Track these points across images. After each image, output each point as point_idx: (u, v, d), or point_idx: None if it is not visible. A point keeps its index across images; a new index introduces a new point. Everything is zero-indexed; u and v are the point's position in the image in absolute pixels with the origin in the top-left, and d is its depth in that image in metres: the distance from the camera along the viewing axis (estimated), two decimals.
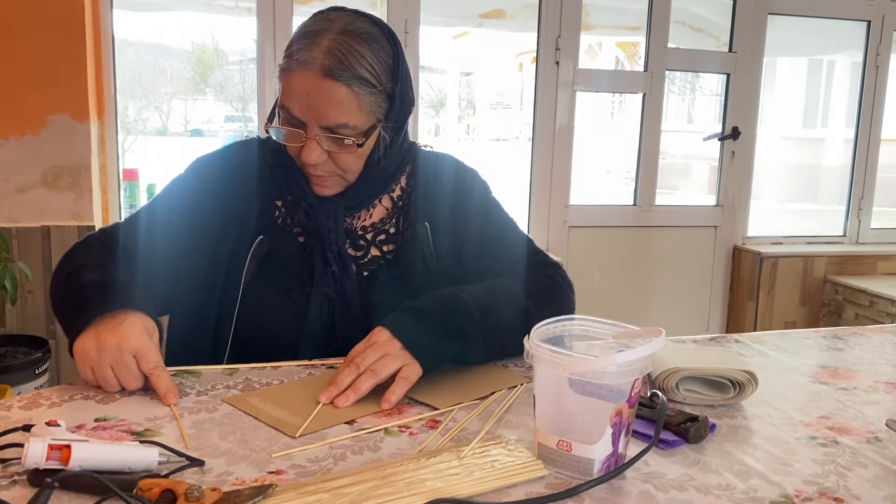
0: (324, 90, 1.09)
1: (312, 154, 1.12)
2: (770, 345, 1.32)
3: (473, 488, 0.76)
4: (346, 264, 1.21)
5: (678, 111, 5.59)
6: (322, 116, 1.10)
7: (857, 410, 1.03)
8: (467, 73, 5.67)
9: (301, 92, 1.10)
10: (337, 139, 1.12)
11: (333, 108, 1.10)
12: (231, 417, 0.93)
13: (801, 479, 0.82)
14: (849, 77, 3.82)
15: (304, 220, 1.22)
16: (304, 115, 1.11)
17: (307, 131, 1.12)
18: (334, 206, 1.21)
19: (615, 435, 0.79)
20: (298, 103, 1.11)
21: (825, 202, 5.77)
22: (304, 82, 1.09)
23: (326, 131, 1.12)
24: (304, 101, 1.10)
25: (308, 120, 1.11)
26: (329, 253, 1.20)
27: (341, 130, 1.12)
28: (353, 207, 1.23)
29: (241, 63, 4.10)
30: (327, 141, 1.12)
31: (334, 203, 1.21)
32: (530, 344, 0.81)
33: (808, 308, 3.38)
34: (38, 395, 0.98)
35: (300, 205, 1.21)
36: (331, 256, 1.20)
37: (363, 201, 1.24)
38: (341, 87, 1.09)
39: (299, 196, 1.22)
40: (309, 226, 1.21)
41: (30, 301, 2.50)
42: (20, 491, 0.74)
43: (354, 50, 1.10)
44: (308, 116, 1.11)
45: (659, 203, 3.36)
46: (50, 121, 2.48)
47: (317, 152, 1.13)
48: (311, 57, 1.09)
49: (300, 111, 1.11)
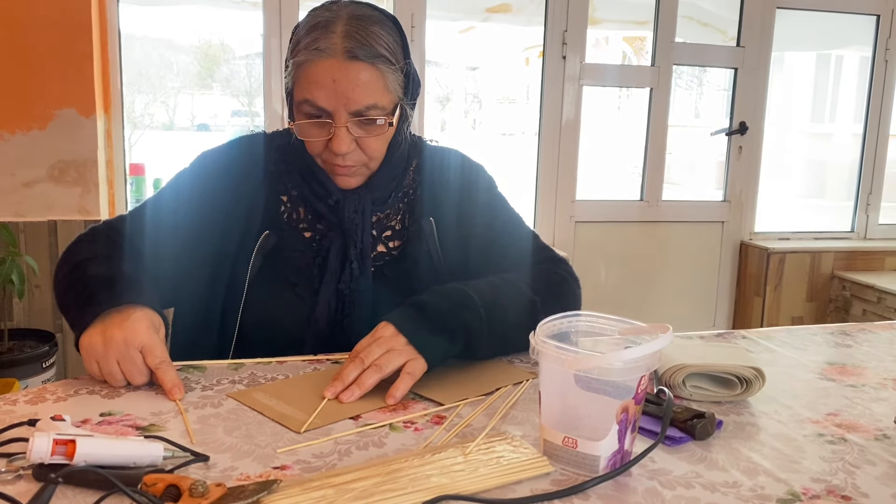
0: (350, 73, 1.08)
1: (343, 143, 1.11)
2: (777, 341, 1.31)
3: (478, 484, 0.76)
4: (365, 262, 1.20)
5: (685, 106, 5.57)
6: (351, 101, 1.10)
7: (865, 407, 1.02)
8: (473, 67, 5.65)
9: (326, 80, 1.09)
10: (367, 122, 1.12)
11: (362, 89, 1.09)
12: (236, 413, 0.93)
13: (809, 476, 0.81)
14: (857, 72, 3.79)
15: (329, 216, 1.20)
16: (331, 104, 1.10)
17: (335, 120, 1.11)
18: (361, 199, 1.20)
19: (621, 432, 0.79)
20: (324, 92, 1.09)
21: (833, 198, 5.74)
22: (328, 70, 1.09)
23: (355, 116, 1.11)
24: (331, 89, 1.09)
25: (335, 108, 1.10)
26: (353, 249, 1.19)
27: (371, 112, 1.11)
28: (380, 203, 1.23)
29: (248, 58, 4.10)
30: (356, 127, 1.12)
31: (361, 197, 1.20)
32: (536, 340, 0.81)
33: (815, 304, 3.37)
34: (43, 389, 0.98)
35: (325, 200, 1.20)
36: (353, 253, 1.19)
37: (389, 196, 1.24)
38: (367, 67, 1.09)
39: (321, 193, 1.20)
40: (333, 220, 1.20)
41: (37, 295, 2.51)
42: (25, 486, 0.74)
43: (370, 31, 1.10)
44: (335, 104, 1.10)
45: (666, 198, 3.35)
46: (56, 115, 2.48)
47: (347, 140, 1.12)
48: (331, 44, 1.08)
49: (326, 100, 1.10)
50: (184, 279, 1.20)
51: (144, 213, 1.23)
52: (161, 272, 1.16)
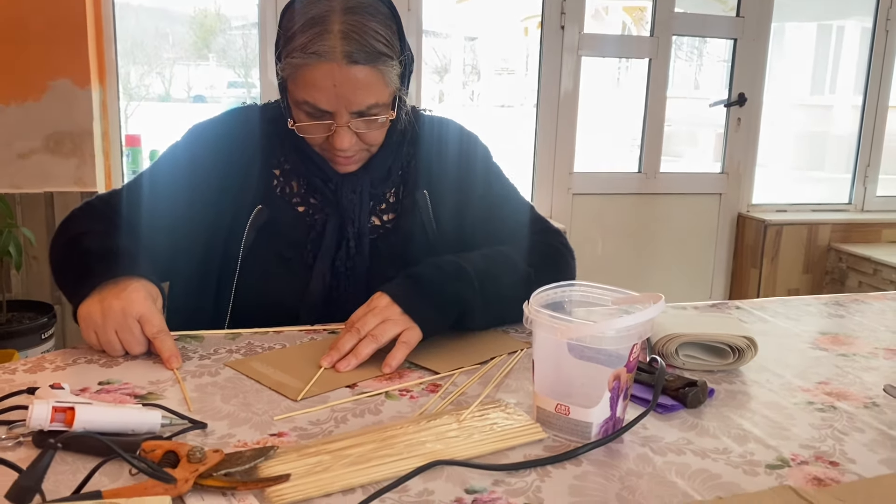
0: (350, 78, 1.07)
1: (345, 140, 1.12)
2: (771, 311, 1.32)
3: (472, 450, 0.77)
4: (362, 241, 1.21)
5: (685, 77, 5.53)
6: (353, 103, 1.09)
7: (855, 376, 1.03)
8: (472, 38, 5.60)
9: (326, 84, 1.08)
10: (369, 120, 1.12)
11: (363, 92, 1.09)
12: (233, 381, 0.94)
13: (798, 443, 0.82)
14: (858, 43, 3.76)
15: (325, 192, 1.20)
16: (332, 106, 1.09)
17: (337, 120, 1.11)
18: (360, 181, 1.20)
19: (613, 399, 0.80)
20: (324, 96, 1.09)
21: (832, 170, 5.73)
22: (328, 74, 1.07)
23: (357, 115, 1.11)
24: (332, 93, 1.08)
25: (337, 109, 1.10)
26: (350, 228, 1.20)
27: (372, 111, 1.11)
28: (378, 183, 1.23)
29: (244, 28, 4.06)
30: (357, 123, 1.12)
31: (360, 179, 1.20)
32: (530, 309, 0.82)
33: (811, 276, 3.38)
34: (42, 358, 0.99)
35: (322, 182, 1.20)
36: (351, 232, 1.20)
37: (387, 174, 1.23)
38: (366, 69, 1.08)
39: (319, 177, 1.20)
40: (329, 196, 1.20)
41: (34, 267, 2.51)
42: (25, 452, 0.75)
43: (367, 27, 1.08)
44: (337, 106, 1.09)
45: (664, 170, 3.34)
46: (51, 86, 2.47)
47: (349, 137, 1.12)
48: (329, 47, 1.06)
49: (327, 103, 1.09)
50: (178, 252, 1.20)
51: (139, 187, 1.23)
52: (156, 245, 1.16)
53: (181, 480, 0.67)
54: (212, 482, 0.68)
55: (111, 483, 0.69)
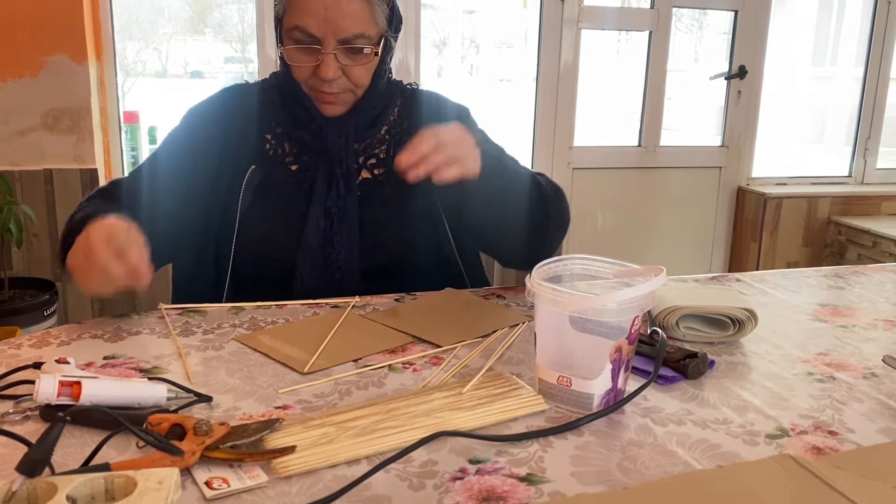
0: (341, 3, 1.13)
1: (330, 69, 1.16)
2: (771, 283, 1.33)
3: (475, 422, 0.78)
4: (351, 181, 1.24)
5: (685, 50, 5.49)
6: (340, 29, 1.14)
7: (854, 347, 1.04)
8: (470, 11, 5.55)
9: (318, 8, 1.13)
10: (354, 51, 1.17)
11: (351, 19, 1.14)
12: (237, 355, 0.95)
13: (798, 413, 0.83)
14: (860, 14, 3.73)
15: (311, 141, 1.24)
16: (321, 31, 1.14)
17: (324, 46, 1.15)
18: (345, 125, 1.24)
19: (614, 371, 0.81)
20: (315, 20, 1.14)
21: (832, 142, 5.71)
22: None
23: (343, 44, 1.15)
24: (322, 17, 1.13)
25: (325, 35, 1.15)
26: (338, 169, 1.23)
27: (358, 41, 1.16)
28: (363, 130, 1.26)
29: (240, 2, 4.02)
30: (343, 55, 1.16)
31: (344, 123, 1.24)
32: (532, 282, 0.82)
33: (811, 249, 3.39)
34: (47, 333, 1.00)
35: (309, 126, 1.23)
36: (339, 172, 1.23)
37: (372, 124, 1.27)
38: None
39: (305, 119, 1.23)
40: (316, 145, 1.23)
41: (35, 244, 2.51)
42: (33, 426, 0.76)
43: None
44: (325, 32, 1.14)
45: (664, 144, 3.33)
46: (48, 62, 2.45)
47: (334, 66, 1.16)
48: None
49: (317, 27, 1.14)
50: (182, 232, 1.22)
51: (140, 177, 1.25)
52: (159, 232, 1.15)
53: (188, 453, 0.68)
54: (218, 454, 0.69)
55: (119, 456, 0.70)
